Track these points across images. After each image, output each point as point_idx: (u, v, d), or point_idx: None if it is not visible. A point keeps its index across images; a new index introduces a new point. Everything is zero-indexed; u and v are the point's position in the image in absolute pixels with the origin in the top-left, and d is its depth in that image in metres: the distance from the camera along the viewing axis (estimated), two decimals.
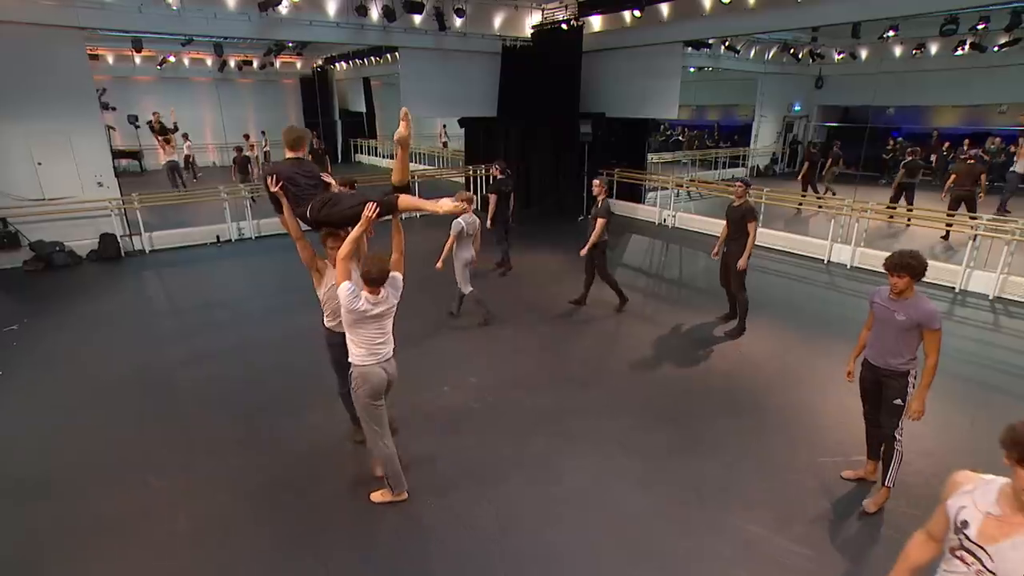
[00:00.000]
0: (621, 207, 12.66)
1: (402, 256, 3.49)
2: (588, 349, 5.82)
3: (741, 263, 5.79)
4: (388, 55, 17.57)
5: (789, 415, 4.55)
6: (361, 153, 22.71)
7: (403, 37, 11.12)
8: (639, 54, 11.27)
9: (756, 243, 6.07)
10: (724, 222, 6.06)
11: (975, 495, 1.71)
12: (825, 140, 19.07)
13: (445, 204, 3.28)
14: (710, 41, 13.46)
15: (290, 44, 16.16)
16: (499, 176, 8.01)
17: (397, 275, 3.35)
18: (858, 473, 3.82)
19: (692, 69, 16.03)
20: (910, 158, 12.10)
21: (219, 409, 4.68)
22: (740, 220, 5.78)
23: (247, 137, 17.75)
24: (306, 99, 22.18)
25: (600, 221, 6.31)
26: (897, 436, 3.40)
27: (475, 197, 10.97)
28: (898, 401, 3.38)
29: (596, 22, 11.75)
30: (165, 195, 10.92)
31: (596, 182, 6.59)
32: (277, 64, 20.64)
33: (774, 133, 19.39)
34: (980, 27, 13.31)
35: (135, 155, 18.45)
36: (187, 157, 15.76)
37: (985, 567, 1.64)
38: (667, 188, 11.79)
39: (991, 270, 7.09)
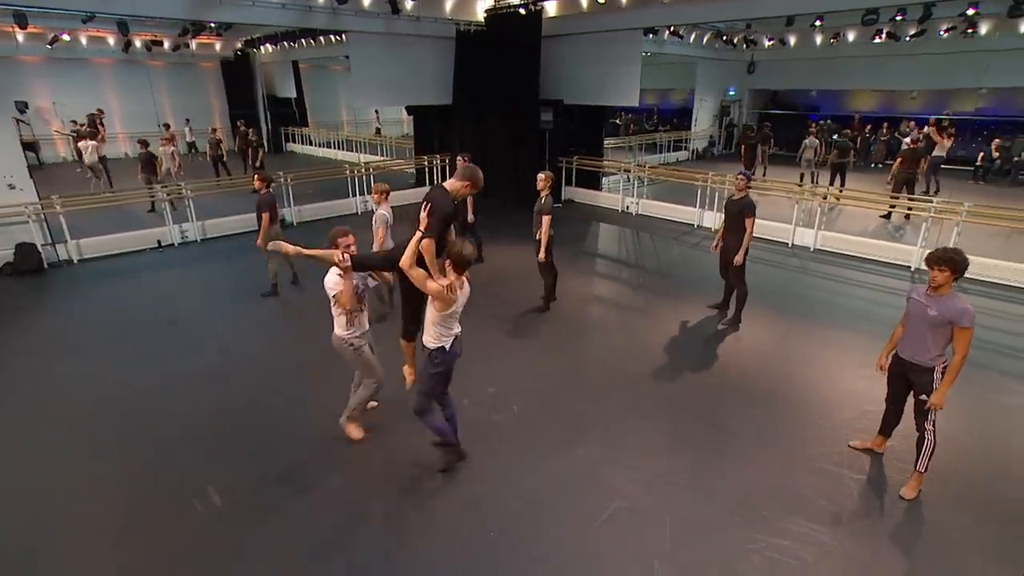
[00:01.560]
0: (582, 195, 12.72)
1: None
2: (599, 349, 5.77)
3: (737, 259, 5.89)
4: (321, 37, 16.58)
5: (811, 405, 4.71)
6: (293, 142, 21.31)
7: (353, 20, 10.43)
8: (598, 40, 11.21)
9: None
10: (721, 214, 6.15)
11: None
12: (758, 123, 20.03)
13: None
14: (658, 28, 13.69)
15: (212, 24, 14.78)
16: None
17: None
18: (865, 443, 4.10)
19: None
20: (839, 138, 12.97)
21: (223, 459, 4.22)
22: (738, 214, 5.88)
23: (167, 126, 16.17)
24: (230, 84, 20.49)
25: (546, 219, 6.16)
26: (928, 427, 3.58)
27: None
28: (924, 397, 3.55)
29: (552, 7, 11.55)
30: (93, 197, 9.71)
31: (541, 176, 6.24)
32: (193, 46, 18.87)
33: (711, 116, 20.10)
34: (898, 18, 14.34)
35: (31, 147, 16.34)
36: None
37: None
38: (626, 173, 11.93)
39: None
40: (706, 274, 7.54)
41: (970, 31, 14.78)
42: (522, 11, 11.13)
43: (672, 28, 15.01)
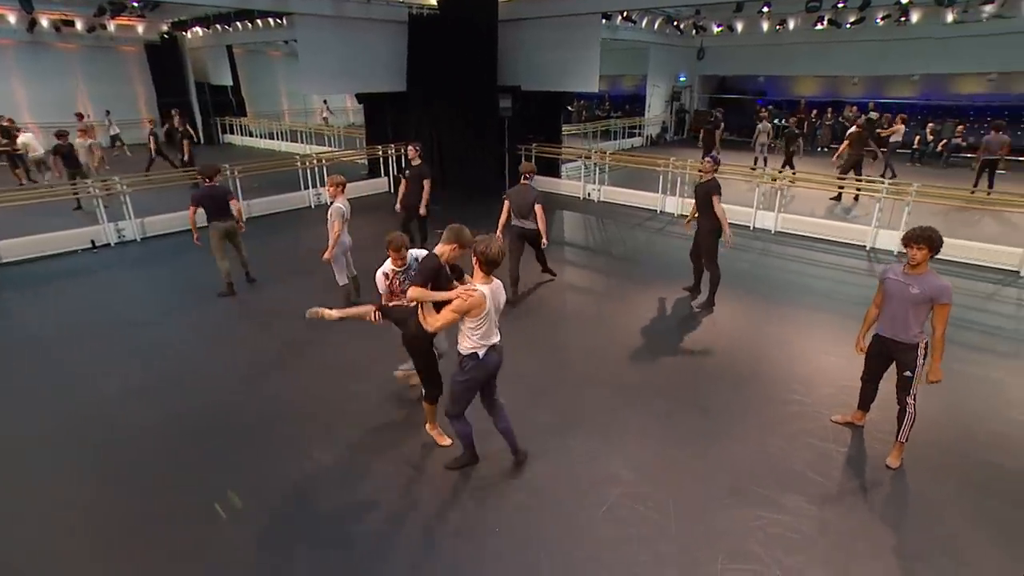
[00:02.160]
0: (542, 183, 12.71)
1: None
2: (579, 339, 5.80)
3: (726, 239, 6.00)
4: (259, 20, 15.83)
5: (791, 384, 4.91)
6: (231, 133, 20.25)
7: (299, 3, 10.00)
8: (556, 24, 11.22)
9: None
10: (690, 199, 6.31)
11: None
12: (710, 108, 20.67)
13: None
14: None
15: (134, 3, 13.83)
16: (416, 160, 7.59)
17: None
18: (845, 417, 4.31)
19: None
20: (785, 126, 13.62)
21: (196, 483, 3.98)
22: (706, 195, 6.04)
23: (80, 116, 15.02)
24: (156, 71, 19.22)
25: (539, 207, 6.28)
26: (909, 401, 3.77)
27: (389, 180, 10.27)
28: (908, 374, 3.73)
29: None
30: (15, 193, 8.90)
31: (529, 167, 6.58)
32: (111, 27, 17.59)
33: (663, 102, 20.56)
34: (840, 5, 15.05)
35: None
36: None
37: None
38: (586, 160, 12.03)
39: (894, 228, 8.19)
40: (674, 259, 7.74)
41: (903, 19, 15.73)
42: None
43: (625, 13, 15.22)
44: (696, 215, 6.29)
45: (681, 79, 20.88)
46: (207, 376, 5.07)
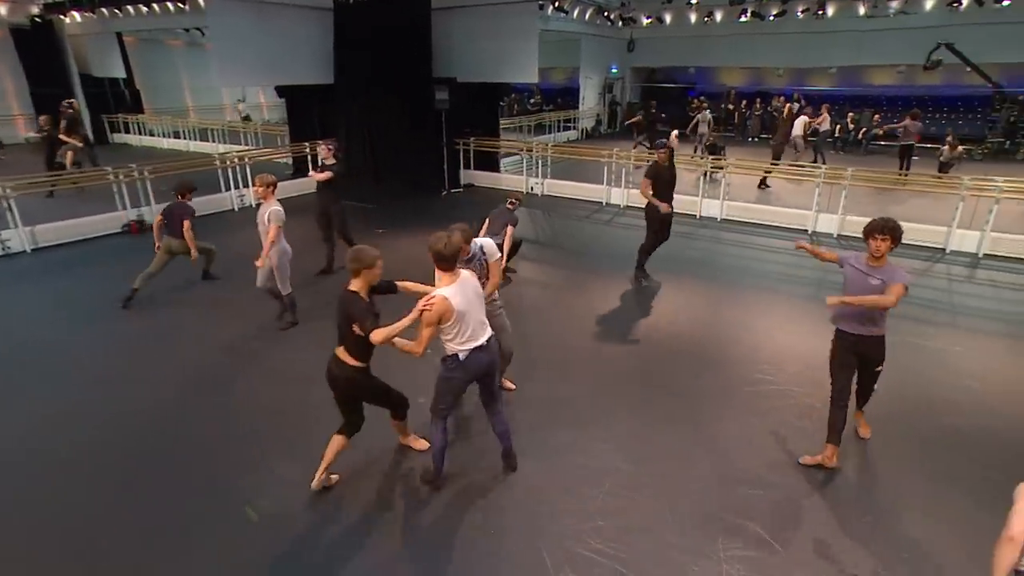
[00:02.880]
0: (482, 178, 12.79)
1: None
2: (544, 333, 5.87)
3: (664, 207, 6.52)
4: (155, 4, 14.84)
5: (758, 364, 5.21)
6: (126, 132, 18.73)
7: None
8: (491, 13, 11.28)
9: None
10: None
11: None
12: (641, 100, 21.50)
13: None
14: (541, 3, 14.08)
15: None
16: (329, 160, 7.21)
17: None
18: (816, 459, 3.85)
19: None
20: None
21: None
22: (672, 180, 6.61)
23: None
24: (28, 59, 17.49)
25: (510, 227, 6.51)
26: (876, 387, 3.99)
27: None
28: (879, 369, 3.85)
29: None
30: None
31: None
32: None
33: (596, 95, 21.15)
34: None
35: None
36: None
37: None
38: (529, 153, 12.19)
39: (833, 212, 8.88)
40: (627, 249, 8.01)
41: (820, 12, 17.05)
42: None
43: (557, 3, 15.55)
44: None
45: (613, 70, 21.57)
46: (134, 397, 4.71)
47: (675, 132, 6.92)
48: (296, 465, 3.87)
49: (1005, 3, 14.89)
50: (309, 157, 12.14)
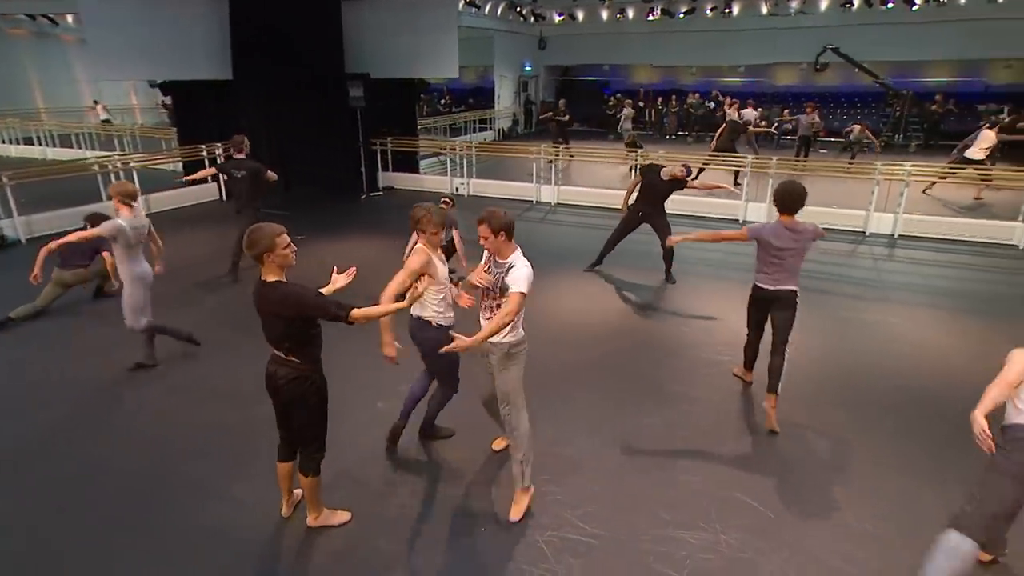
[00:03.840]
0: (402, 180, 12.73)
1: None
2: None
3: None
4: None
5: (711, 347, 5.58)
6: None
7: None
8: (406, 4, 11.32)
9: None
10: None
11: None
12: (555, 99, 22.22)
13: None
14: None
15: None
16: (239, 155, 7.13)
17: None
18: (739, 371, 4.95)
19: None
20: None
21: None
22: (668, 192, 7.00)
23: None
24: None
25: (456, 232, 6.65)
26: (786, 349, 4.37)
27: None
28: (791, 315, 4.30)
29: None
30: None
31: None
32: None
33: (512, 94, 21.65)
34: None
35: None
36: None
37: None
38: (452, 152, 12.30)
39: (761, 201, 9.66)
40: (563, 246, 8.37)
41: (727, 11, 18.54)
42: None
43: None
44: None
45: (527, 68, 22.19)
46: (35, 431, 4.31)
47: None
48: (248, 487, 3.73)
49: (890, 5, 16.95)
50: (206, 161, 11.56)
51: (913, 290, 7.02)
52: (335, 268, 3.44)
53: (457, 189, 12.20)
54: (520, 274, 3.17)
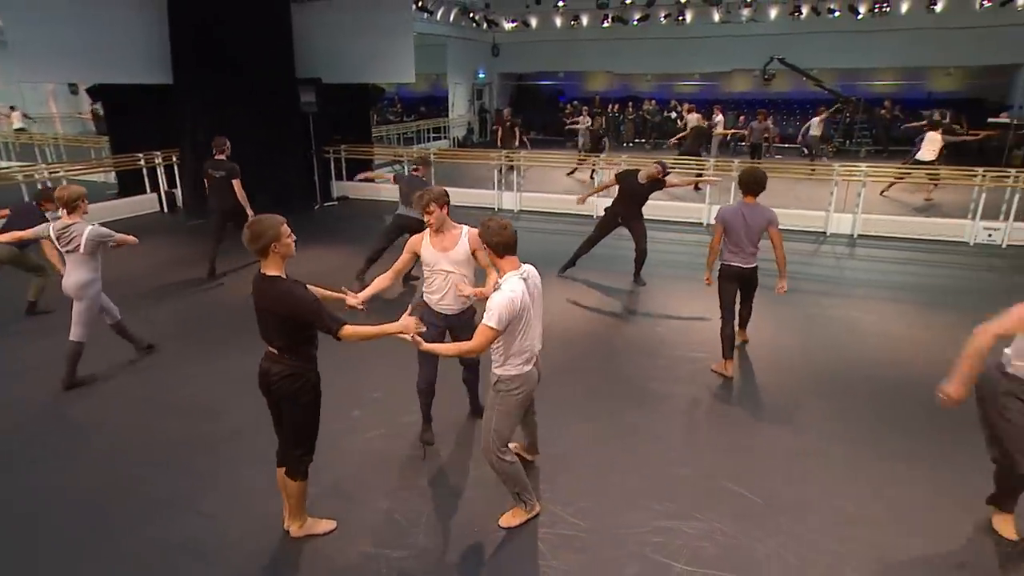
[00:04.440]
0: (358, 189, 12.66)
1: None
2: None
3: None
4: None
5: (693, 345, 5.78)
6: None
7: None
8: (359, 7, 11.35)
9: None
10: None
11: None
12: (511, 107, 22.56)
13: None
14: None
15: None
16: (220, 156, 7.64)
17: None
18: (720, 368, 5.19)
19: None
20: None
21: None
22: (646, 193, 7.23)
23: None
24: None
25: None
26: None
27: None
28: (755, 286, 5.24)
29: None
30: None
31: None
32: None
33: (466, 102, 21.85)
34: (627, 1, 17.87)
35: None
36: None
37: None
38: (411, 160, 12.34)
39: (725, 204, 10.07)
40: (525, 252, 8.42)
41: (680, 18, 19.30)
42: None
43: (420, 3, 16.01)
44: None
45: (480, 76, 22.46)
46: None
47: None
48: (217, 502, 3.67)
49: (836, 14, 17.99)
50: (146, 171, 11.26)
51: (875, 286, 7.43)
52: (347, 292, 3.43)
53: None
54: (494, 302, 2.93)
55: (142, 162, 11.11)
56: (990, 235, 9.03)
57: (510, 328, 3.03)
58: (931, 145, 11.25)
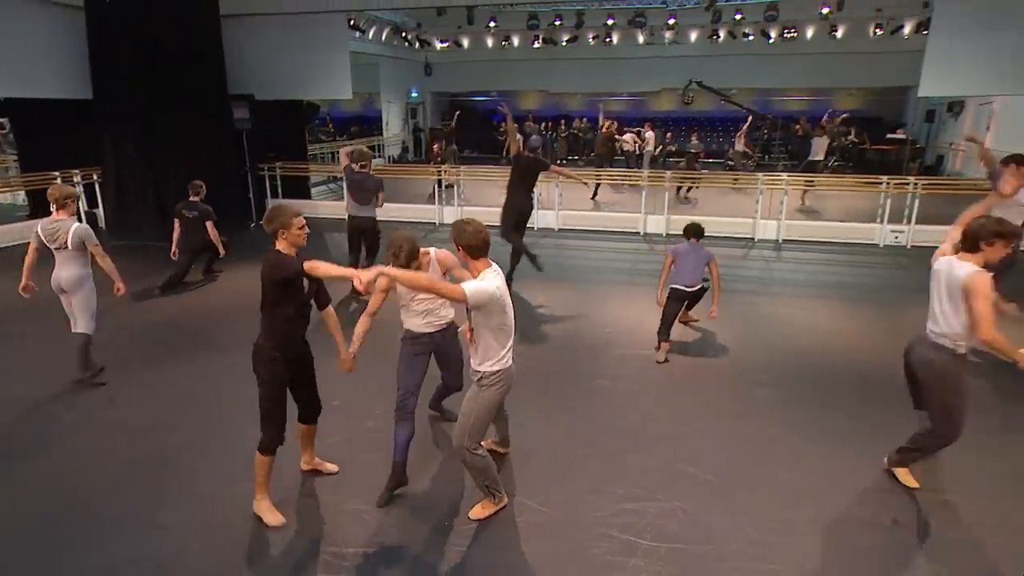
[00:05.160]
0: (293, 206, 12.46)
1: None
2: None
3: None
4: None
5: (643, 341, 6.03)
6: None
7: None
8: (292, 23, 11.28)
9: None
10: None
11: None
12: (442, 126, 22.76)
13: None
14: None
15: None
16: (195, 198, 7.92)
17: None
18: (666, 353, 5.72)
19: None
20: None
21: None
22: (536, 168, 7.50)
23: None
24: None
25: (381, 194, 7.27)
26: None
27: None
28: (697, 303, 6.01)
29: None
30: None
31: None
32: None
33: (400, 121, 21.89)
34: (556, 23, 18.45)
35: None
36: None
37: None
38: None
39: (659, 214, 10.53)
40: None
41: (608, 39, 20.08)
42: None
43: (352, 21, 16.01)
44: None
45: (414, 95, 22.58)
46: None
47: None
48: (176, 513, 3.59)
49: (751, 38, 19.20)
50: (80, 194, 10.68)
51: (801, 285, 7.99)
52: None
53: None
54: (473, 284, 3.03)
55: (59, 181, 10.54)
56: (896, 237, 9.85)
57: (496, 322, 3.17)
58: (818, 147, 12.81)
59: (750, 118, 16.57)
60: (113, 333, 6.30)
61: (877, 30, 17.50)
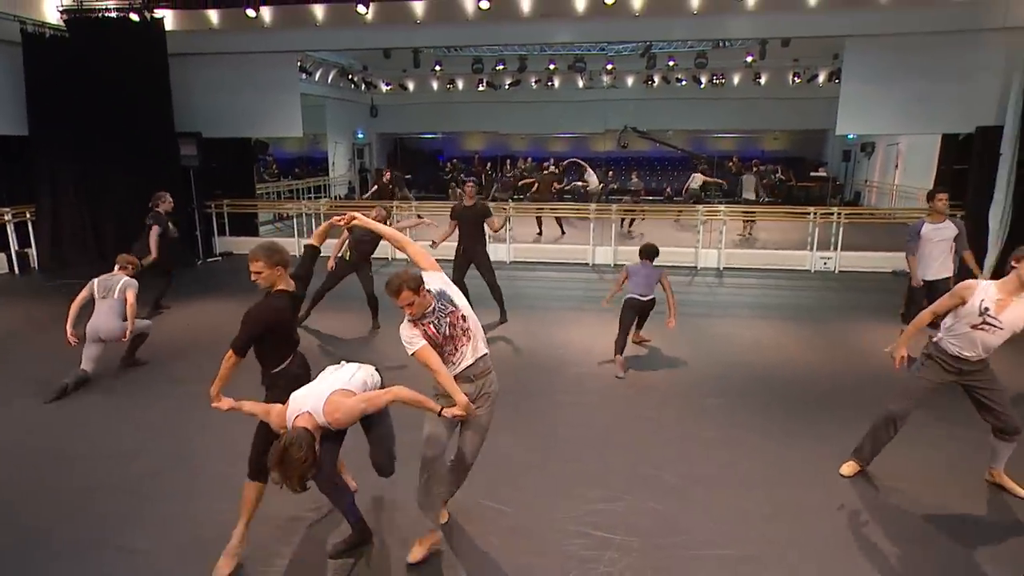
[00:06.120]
0: (243, 244, 12.32)
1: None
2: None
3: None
4: None
5: (594, 358, 6.30)
6: None
7: None
8: (240, 62, 11.38)
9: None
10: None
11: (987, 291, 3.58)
12: (388, 167, 23.02)
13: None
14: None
15: None
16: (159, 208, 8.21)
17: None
18: (619, 367, 6.03)
19: None
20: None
21: None
22: (480, 217, 7.59)
23: None
24: None
25: None
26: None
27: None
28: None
29: (171, 19, 11.08)
30: None
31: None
32: None
33: (347, 161, 22.01)
34: (499, 67, 19.17)
35: None
36: None
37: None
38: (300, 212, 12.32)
39: (607, 245, 10.99)
40: None
41: (549, 83, 20.97)
42: (134, 18, 10.38)
43: (300, 63, 16.21)
44: (463, 239, 7.77)
45: (359, 136, 22.81)
46: None
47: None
48: (144, 536, 3.55)
49: (684, 83, 20.44)
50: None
51: (743, 307, 8.51)
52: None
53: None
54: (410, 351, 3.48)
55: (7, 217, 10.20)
56: (825, 263, 10.61)
57: (462, 302, 3.57)
58: (747, 186, 13.86)
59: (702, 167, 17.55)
60: (69, 368, 6.12)
61: (795, 78, 18.94)
